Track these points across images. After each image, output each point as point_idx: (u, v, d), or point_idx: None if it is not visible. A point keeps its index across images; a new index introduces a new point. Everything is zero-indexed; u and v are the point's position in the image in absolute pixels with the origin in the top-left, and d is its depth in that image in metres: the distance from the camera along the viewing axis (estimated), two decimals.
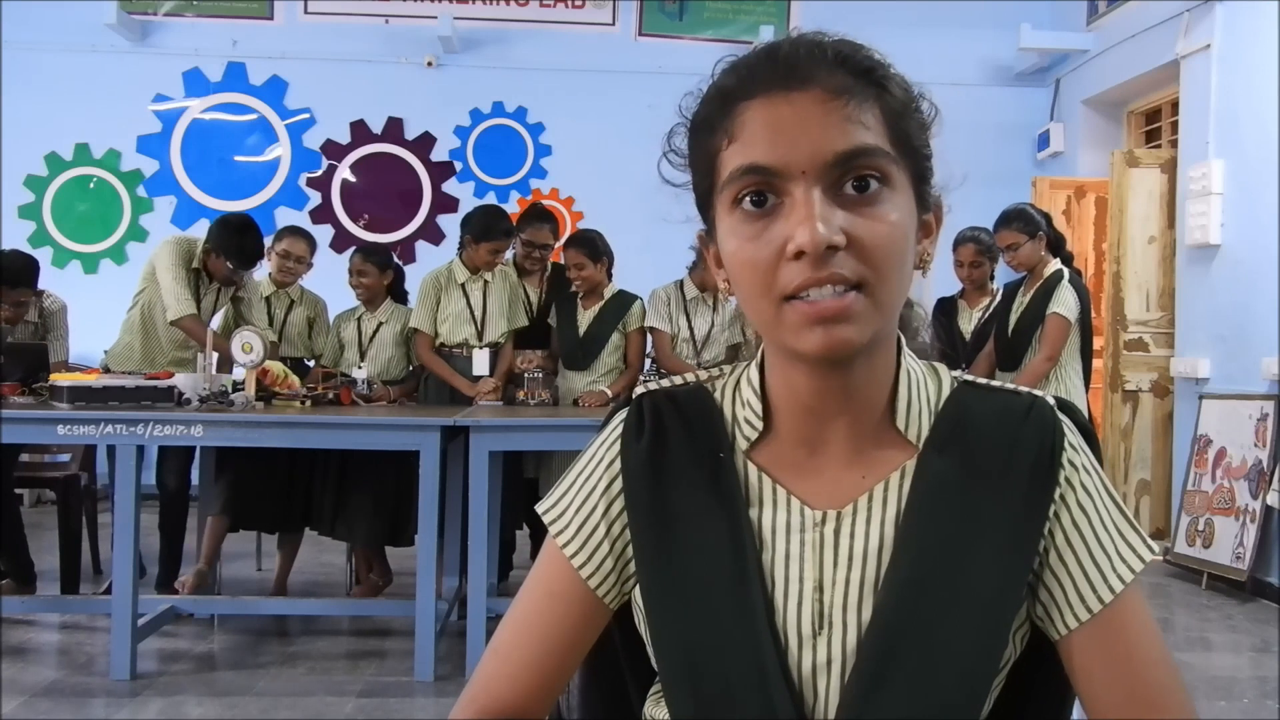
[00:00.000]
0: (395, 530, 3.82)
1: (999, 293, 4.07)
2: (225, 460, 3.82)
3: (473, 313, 3.97)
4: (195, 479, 4.03)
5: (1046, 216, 3.85)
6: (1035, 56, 6.27)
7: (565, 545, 0.81)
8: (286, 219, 5.90)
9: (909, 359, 0.78)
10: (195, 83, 6.32)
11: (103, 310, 4.47)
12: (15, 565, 3.72)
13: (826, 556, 0.75)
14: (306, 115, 6.38)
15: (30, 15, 6.06)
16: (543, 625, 0.81)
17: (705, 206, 0.77)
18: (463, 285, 3.97)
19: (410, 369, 4.14)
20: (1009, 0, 6.15)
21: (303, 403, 3.51)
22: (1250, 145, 4.47)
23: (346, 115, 6.38)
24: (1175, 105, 5.22)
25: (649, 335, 4.11)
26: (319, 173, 6.39)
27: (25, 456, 4.11)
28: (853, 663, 0.73)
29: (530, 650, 0.81)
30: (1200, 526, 4.48)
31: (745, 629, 0.74)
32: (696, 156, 0.77)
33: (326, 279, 4.41)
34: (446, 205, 6.40)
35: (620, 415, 0.83)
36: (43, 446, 4.26)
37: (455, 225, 4.24)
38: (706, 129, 0.74)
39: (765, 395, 0.79)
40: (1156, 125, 5.77)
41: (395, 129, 6.42)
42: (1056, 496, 0.74)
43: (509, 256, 4.13)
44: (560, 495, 0.84)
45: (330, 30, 6.34)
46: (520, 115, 6.45)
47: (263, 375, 3.48)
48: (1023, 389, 0.79)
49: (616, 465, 0.81)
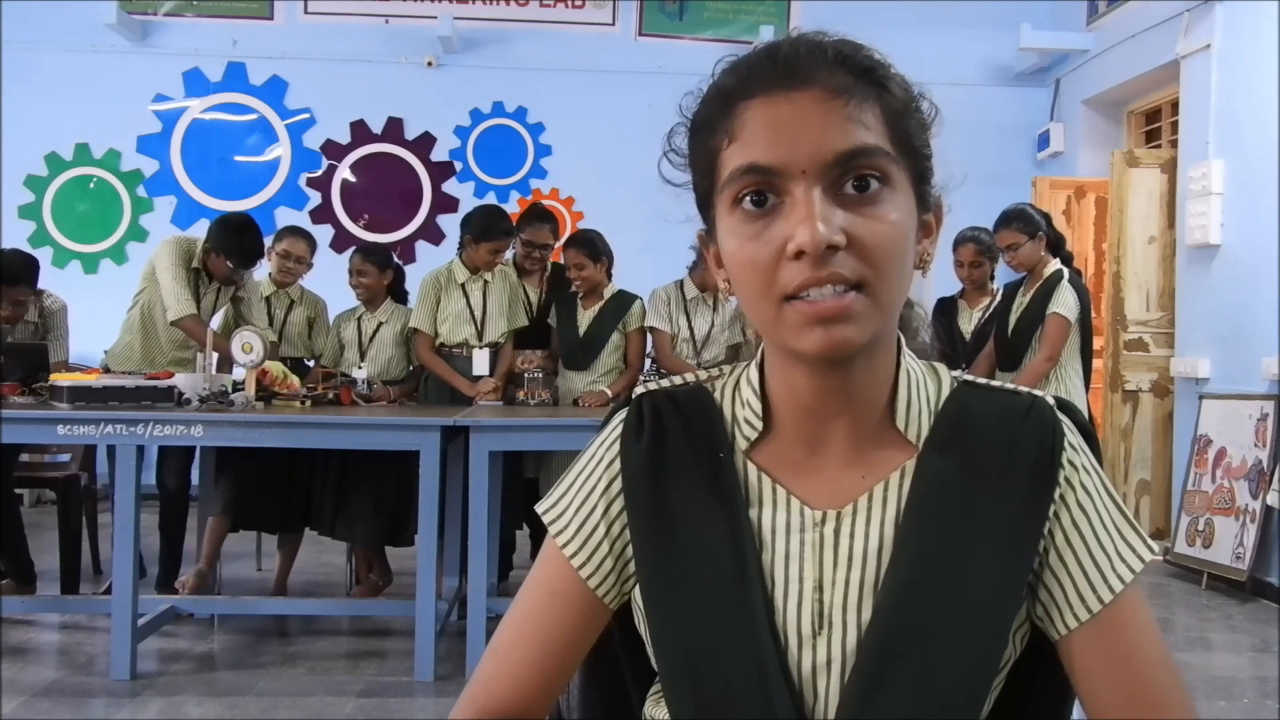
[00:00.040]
0: (395, 530, 3.82)
1: (999, 293, 4.08)
2: (225, 460, 3.82)
3: (473, 313, 3.96)
4: (195, 479, 4.03)
5: (1046, 216, 3.85)
6: (1035, 56, 6.27)
7: (565, 545, 0.81)
8: (286, 219, 5.90)
9: (909, 359, 0.78)
10: (195, 83, 6.32)
11: (103, 310, 4.47)
12: (15, 565, 3.72)
13: (826, 556, 0.75)
14: (306, 115, 6.38)
15: (30, 15, 6.06)
16: (543, 625, 0.81)
17: (705, 206, 0.77)
18: (463, 285, 3.97)
19: (410, 369, 4.14)
20: (1009, 0, 6.15)
21: (303, 403, 3.51)
22: (1250, 145, 4.47)
23: (346, 115, 6.38)
24: (1175, 105, 5.22)
25: (649, 335, 4.11)
26: (319, 173, 6.39)
27: (25, 456, 4.11)
28: (853, 663, 0.73)
29: (530, 650, 0.81)
30: (1200, 526, 4.48)
31: (745, 629, 0.74)
32: (697, 156, 0.77)
33: (326, 279, 4.41)
34: (446, 205, 6.40)
35: (620, 415, 0.83)
36: (43, 446, 4.26)
37: (455, 225, 4.24)
38: (707, 129, 0.74)
39: (765, 395, 0.79)
40: (1156, 125, 5.77)
41: (395, 129, 6.42)
42: (1056, 496, 0.74)
43: (509, 256, 4.13)
44: (560, 495, 0.84)
45: (330, 30, 6.34)
46: (520, 115, 6.45)
47: (262, 376, 3.48)
48: (1022, 389, 0.79)
49: (616, 465, 0.81)
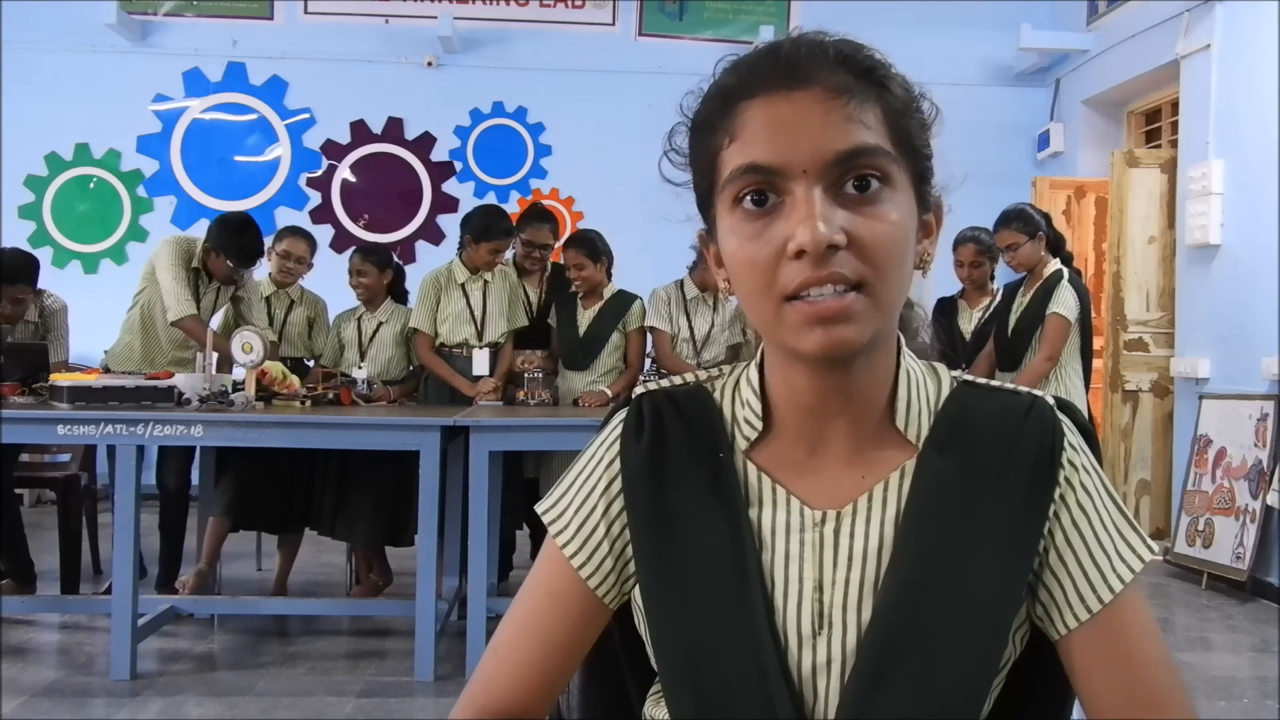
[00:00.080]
0: (395, 530, 3.82)
1: (999, 293, 4.08)
2: (226, 461, 3.82)
3: (473, 313, 3.96)
4: (195, 479, 4.03)
5: (1046, 216, 3.85)
6: (1035, 56, 6.27)
7: (565, 545, 0.81)
8: (286, 219, 5.90)
9: (909, 359, 0.78)
10: (195, 83, 6.32)
11: (103, 310, 4.47)
12: (15, 565, 3.72)
13: (826, 556, 0.75)
14: (306, 115, 6.38)
15: (30, 15, 6.06)
16: (543, 625, 0.81)
17: (706, 206, 0.77)
18: (463, 285, 3.97)
19: (410, 369, 4.14)
20: (1009, 0, 6.15)
21: (303, 403, 3.51)
22: (1250, 145, 4.47)
23: (346, 115, 6.38)
24: (1175, 105, 5.21)
25: (649, 335, 4.11)
26: (319, 173, 6.39)
27: (25, 456, 4.10)
28: (853, 663, 0.73)
29: (530, 650, 0.81)
30: (1200, 526, 4.48)
31: (745, 629, 0.74)
32: (697, 155, 0.77)
33: (326, 279, 4.41)
34: (446, 205, 6.40)
35: (620, 415, 0.83)
36: (43, 446, 4.26)
37: (455, 225, 4.24)
38: (707, 128, 0.74)
39: (765, 395, 0.79)
40: (1156, 125, 5.77)
41: (395, 129, 6.42)
42: (1056, 496, 0.74)
43: (509, 256, 4.13)
44: (560, 495, 0.84)
45: (330, 30, 6.34)
46: (520, 115, 6.44)
47: (261, 376, 3.48)
48: (1022, 389, 0.79)
49: (616, 465, 0.81)
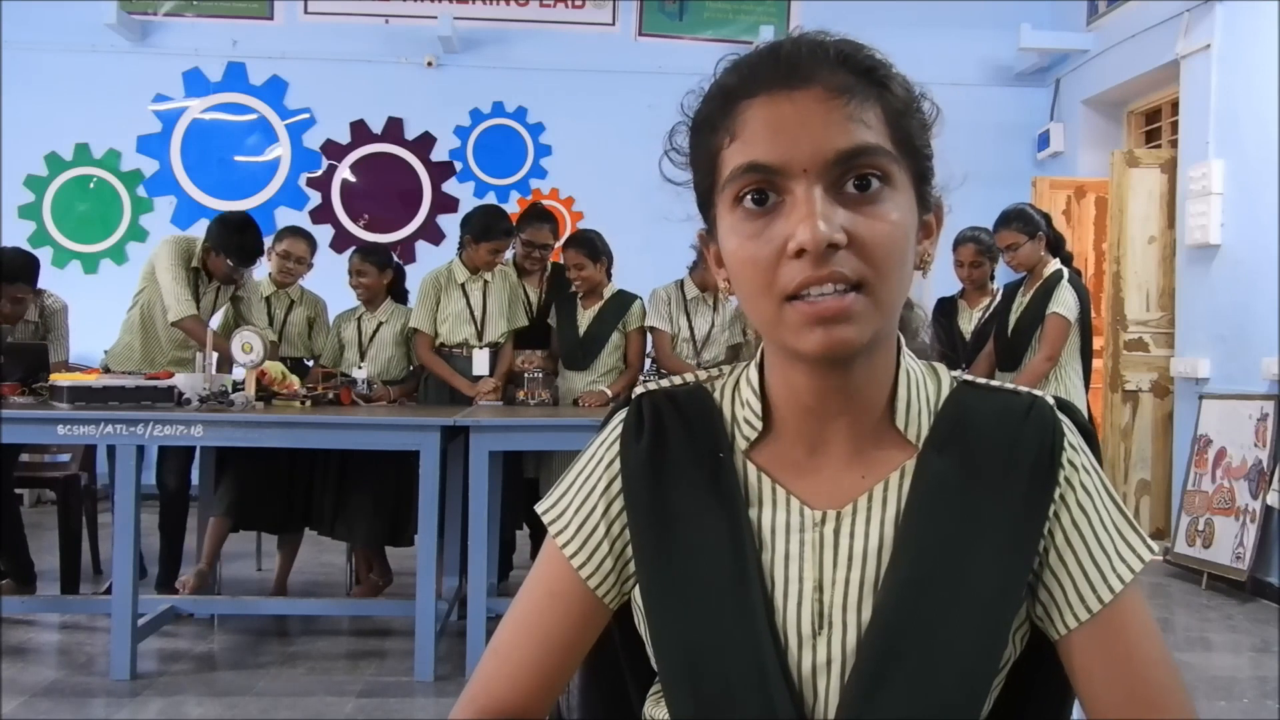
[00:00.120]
0: (395, 530, 3.82)
1: (999, 293, 4.08)
2: (226, 461, 3.82)
3: (473, 313, 3.96)
4: (195, 479, 4.03)
5: (1046, 216, 3.85)
6: (1035, 56, 6.27)
7: (565, 545, 0.81)
8: (286, 219, 5.90)
9: (908, 359, 0.78)
10: (195, 83, 6.32)
11: (103, 310, 4.47)
12: (15, 565, 3.72)
13: (826, 556, 0.75)
14: (306, 115, 6.38)
15: (30, 15, 6.06)
16: (543, 625, 0.81)
17: (706, 205, 0.77)
18: (463, 285, 3.97)
19: (410, 369, 4.14)
20: (1009, 0, 6.15)
21: (303, 403, 3.51)
22: (1250, 145, 4.47)
23: (346, 115, 6.38)
24: (1175, 105, 5.21)
25: (649, 335, 4.11)
26: (319, 173, 6.39)
27: (25, 456, 4.10)
28: (853, 663, 0.73)
29: (530, 650, 0.81)
30: (1200, 526, 4.48)
31: (745, 629, 0.74)
32: (698, 155, 0.77)
33: (326, 279, 4.41)
34: (446, 205, 6.40)
35: (620, 415, 0.83)
36: (43, 446, 4.26)
37: (455, 225, 4.23)
38: (708, 127, 0.74)
39: (765, 395, 0.79)
40: (1156, 125, 5.77)
41: (395, 129, 6.42)
42: (1056, 496, 0.74)
43: (509, 256, 4.13)
44: (560, 495, 0.84)
45: (330, 30, 6.34)
46: (520, 115, 6.45)
47: (261, 376, 3.48)
48: (1022, 389, 0.79)
49: (616, 465, 0.81)
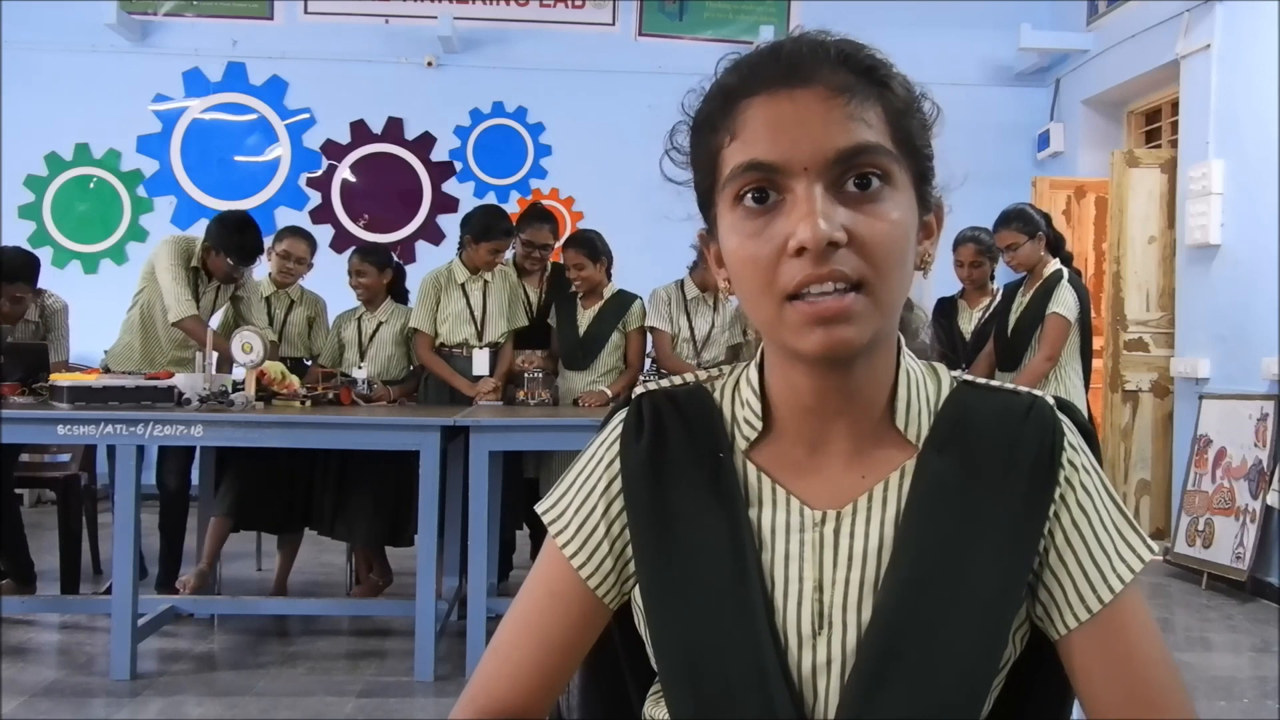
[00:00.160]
0: (395, 530, 3.82)
1: (999, 293, 4.08)
2: (227, 461, 3.82)
3: (473, 313, 3.96)
4: (195, 479, 4.03)
5: (1046, 216, 3.85)
6: (1035, 56, 6.27)
7: (565, 545, 0.81)
8: (286, 219, 5.90)
9: (908, 359, 0.78)
10: (195, 83, 6.32)
11: (103, 310, 4.47)
12: (15, 565, 3.72)
13: (826, 556, 0.75)
14: (306, 115, 6.38)
15: (30, 15, 6.06)
16: (543, 625, 0.81)
17: (707, 205, 0.77)
18: (463, 285, 3.97)
19: (410, 369, 4.14)
20: (1009, 0, 6.15)
21: (303, 403, 3.51)
22: (1250, 145, 4.47)
23: (346, 115, 6.38)
24: (1175, 105, 5.21)
25: (649, 335, 4.11)
26: (319, 173, 6.39)
27: (25, 456, 4.10)
28: (853, 663, 0.73)
29: (530, 650, 0.81)
30: (1200, 526, 4.48)
31: (745, 629, 0.74)
32: (698, 154, 0.77)
33: (326, 279, 4.41)
34: (446, 205, 6.40)
35: (620, 415, 0.83)
36: (43, 446, 4.26)
37: (455, 225, 4.23)
38: (709, 127, 0.74)
39: (765, 395, 0.79)
40: (1156, 125, 5.77)
41: (395, 129, 6.42)
42: (1056, 496, 0.74)
43: (509, 256, 4.13)
44: (560, 495, 0.84)
45: (330, 30, 6.34)
46: (520, 115, 6.44)
47: (260, 376, 3.48)
48: (1022, 389, 0.79)
49: (616, 465, 0.81)
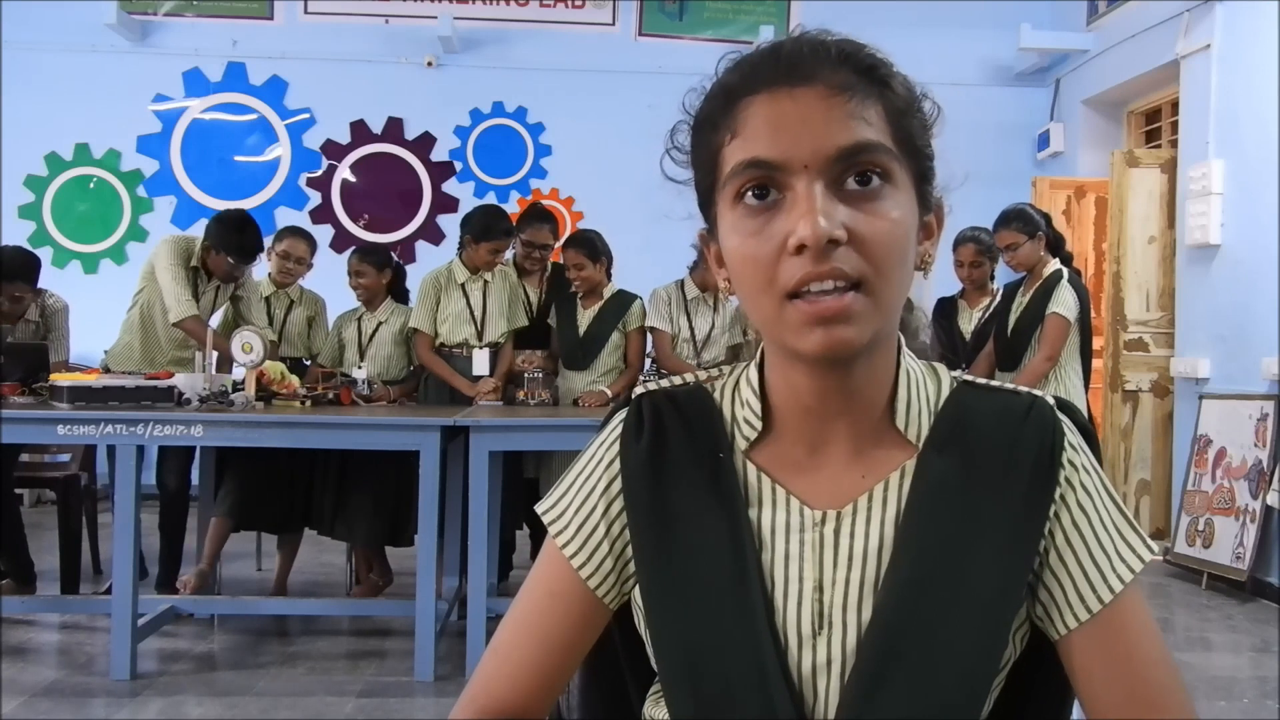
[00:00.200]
0: (395, 530, 3.82)
1: (999, 293, 4.08)
2: (227, 462, 3.82)
3: (473, 313, 3.96)
4: (195, 479, 4.03)
5: (1046, 216, 3.85)
6: (1035, 56, 6.27)
7: (565, 545, 0.81)
8: (286, 219, 5.90)
9: (908, 359, 0.78)
10: (195, 83, 6.32)
11: (103, 310, 4.47)
12: (15, 565, 3.72)
13: (826, 556, 0.75)
14: (306, 115, 6.38)
15: (30, 15, 6.06)
16: (543, 625, 0.81)
17: (707, 205, 0.77)
18: (463, 285, 3.97)
19: (410, 369, 4.14)
20: (1009, 0, 6.15)
21: (303, 403, 3.51)
22: (1250, 145, 4.47)
23: (346, 115, 6.38)
24: (1175, 105, 5.21)
25: (649, 335, 4.11)
26: (319, 173, 6.39)
27: (25, 456, 4.10)
28: (853, 663, 0.73)
29: (530, 650, 0.81)
30: (1200, 526, 4.48)
31: (745, 629, 0.74)
32: (699, 153, 0.77)
33: (326, 279, 4.41)
34: (446, 205, 6.40)
35: (620, 415, 0.83)
36: (43, 446, 4.26)
37: (455, 225, 4.24)
38: (709, 125, 0.74)
39: (765, 395, 0.79)
40: (1156, 125, 5.77)
41: (395, 129, 6.42)
42: (1056, 496, 0.74)
43: (509, 256, 4.13)
44: (560, 495, 0.84)
45: (330, 30, 6.34)
46: (520, 115, 6.44)
47: (260, 377, 3.48)
48: (1022, 389, 0.79)
49: (616, 465, 0.81)
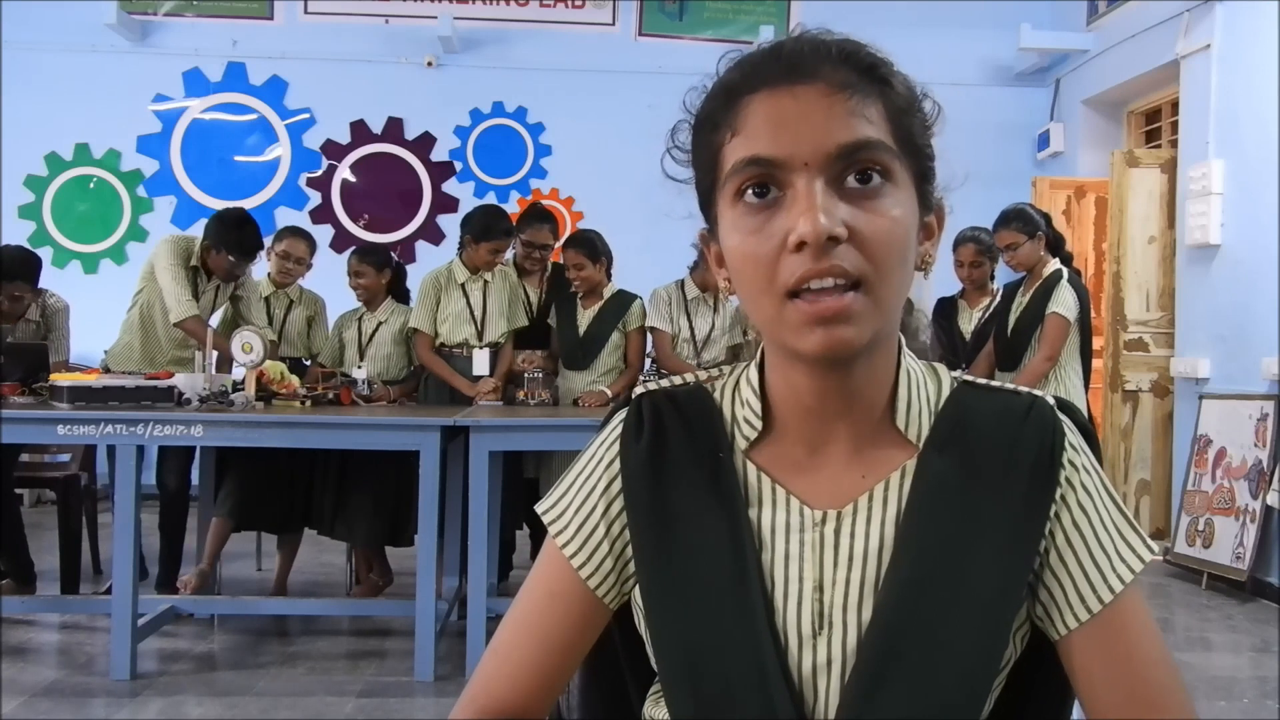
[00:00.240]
0: (395, 530, 3.82)
1: (999, 293, 4.08)
2: (227, 462, 3.82)
3: (473, 313, 3.96)
4: (195, 479, 4.03)
5: (1046, 216, 3.85)
6: (1035, 56, 6.27)
7: (565, 545, 0.81)
8: (286, 219, 5.90)
9: (909, 359, 0.78)
10: (195, 83, 6.32)
11: (103, 310, 4.47)
12: (15, 565, 3.72)
13: (826, 556, 0.75)
14: (306, 115, 6.38)
15: (30, 15, 6.06)
16: (543, 625, 0.81)
17: (708, 204, 0.77)
18: (463, 285, 3.97)
19: (410, 369, 4.14)
20: (1009, 0, 6.15)
21: (303, 403, 3.51)
22: (1250, 145, 4.46)
23: (346, 115, 6.38)
24: (1175, 105, 5.21)
25: (649, 335, 4.11)
26: (319, 173, 6.39)
27: (25, 456, 4.10)
28: (853, 663, 0.73)
29: (530, 650, 0.81)
30: (1200, 526, 4.48)
31: (745, 629, 0.74)
32: (700, 152, 0.77)
33: (326, 279, 4.41)
34: (446, 205, 6.40)
35: (620, 415, 0.83)
36: (43, 446, 4.26)
37: (455, 225, 4.23)
38: (710, 124, 0.74)
39: (765, 395, 0.79)
40: (1156, 125, 5.77)
41: (395, 129, 6.42)
42: (1057, 496, 0.74)
43: (509, 256, 4.13)
44: (560, 495, 0.84)
45: (330, 30, 6.34)
46: (520, 115, 6.44)
47: (260, 376, 3.48)
48: (1022, 389, 0.79)
49: (616, 465, 0.81)
